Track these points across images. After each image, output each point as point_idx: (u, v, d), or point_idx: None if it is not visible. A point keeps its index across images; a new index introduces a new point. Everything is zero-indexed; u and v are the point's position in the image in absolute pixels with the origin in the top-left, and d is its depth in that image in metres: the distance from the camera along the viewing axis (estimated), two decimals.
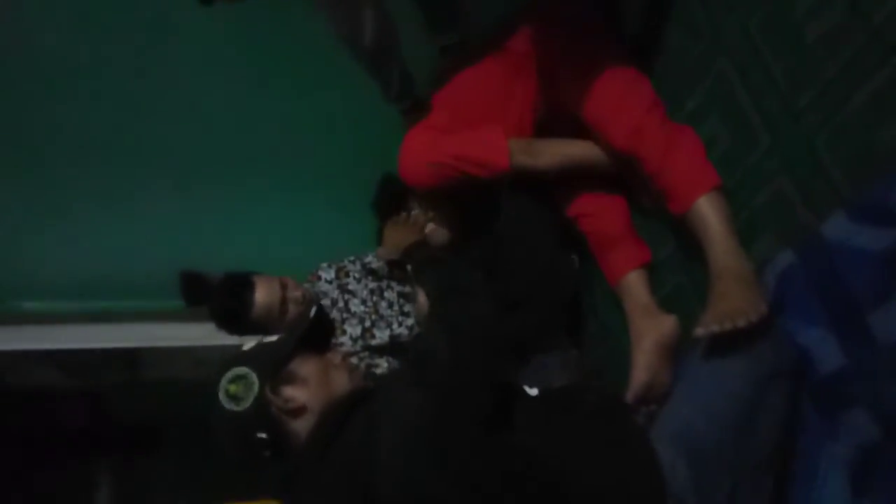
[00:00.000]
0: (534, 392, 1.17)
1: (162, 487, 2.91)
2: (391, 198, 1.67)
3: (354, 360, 1.61)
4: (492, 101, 1.52)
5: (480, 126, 1.47)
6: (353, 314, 1.69)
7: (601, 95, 1.30)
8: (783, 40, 1.09)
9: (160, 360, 2.59)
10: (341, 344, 1.63)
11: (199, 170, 2.00)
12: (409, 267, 1.37)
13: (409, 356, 1.13)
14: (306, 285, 1.74)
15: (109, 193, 2.00)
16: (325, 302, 1.71)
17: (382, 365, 1.61)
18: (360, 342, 1.64)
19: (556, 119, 1.46)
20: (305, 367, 1.10)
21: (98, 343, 2.34)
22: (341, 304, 1.71)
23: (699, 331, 1.00)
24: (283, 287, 1.61)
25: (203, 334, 1.98)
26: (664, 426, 1.04)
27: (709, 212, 1.14)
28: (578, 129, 1.40)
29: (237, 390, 1.04)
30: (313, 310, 1.17)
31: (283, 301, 1.59)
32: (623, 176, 1.44)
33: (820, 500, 1.02)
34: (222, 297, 1.61)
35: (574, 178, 1.48)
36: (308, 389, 1.07)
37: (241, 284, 1.60)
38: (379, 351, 1.65)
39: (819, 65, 1.02)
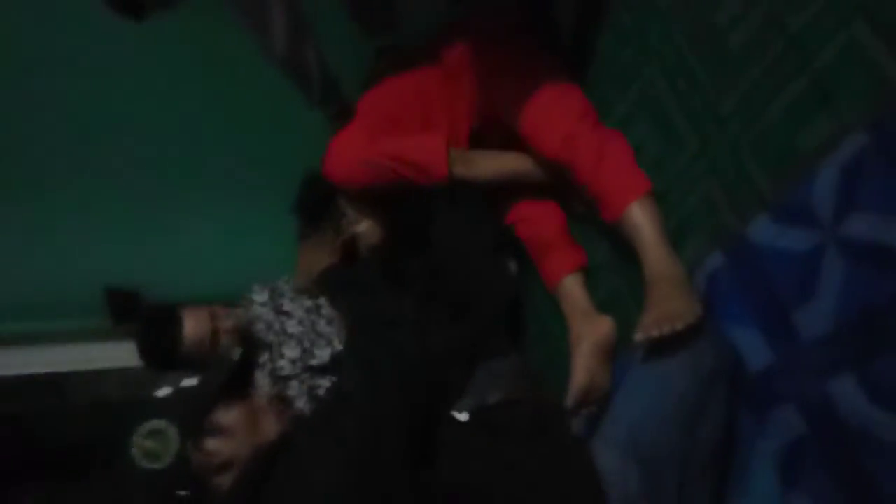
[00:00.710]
0: (463, 417, 1.15)
1: None
2: (317, 199, 1.61)
3: (295, 383, 1.55)
4: (427, 109, 1.52)
5: (418, 131, 1.46)
6: (291, 336, 1.63)
7: (533, 106, 1.31)
8: (707, 47, 1.12)
9: (88, 382, 2.47)
10: (280, 368, 1.57)
11: (124, 186, 1.93)
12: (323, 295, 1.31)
13: (327, 398, 1.09)
14: (238, 310, 1.67)
15: (30, 211, 1.89)
16: (260, 325, 1.64)
17: (325, 385, 1.56)
18: (299, 364, 1.58)
19: (491, 130, 1.46)
20: (230, 415, 1.03)
21: (23, 369, 2.21)
22: (277, 326, 1.64)
23: (638, 336, 1.02)
24: (213, 317, 1.53)
25: (132, 354, 1.89)
26: (612, 433, 1.04)
27: (640, 218, 1.16)
28: (512, 140, 1.40)
29: (154, 447, 0.98)
30: (237, 352, 1.11)
31: (215, 332, 1.51)
32: (557, 182, 1.45)
33: (751, 494, 1.05)
34: (148, 334, 1.51)
35: (509, 187, 1.48)
36: (234, 440, 1.01)
37: (167, 319, 1.51)
38: (321, 371, 1.60)
39: (741, 71, 1.05)
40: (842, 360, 0.91)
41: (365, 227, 1.58)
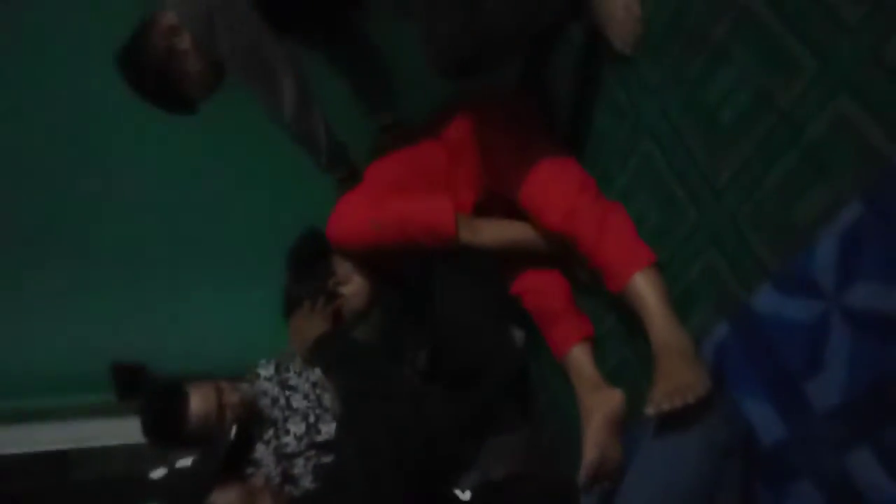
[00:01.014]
0: (466, 496, 1.13)
1: None
2: (311, 254, 1.59)
3: (301, 460, 1.52)
4: (432, 179, 1.55)
5: (425, 197, 1.48)
6: (296, 410, 1.61)
7: (533, 180, 1.34)
8: (700, 122, 1.15)
9: (92, 458, 2.44)
10: (286, 445, 1.54)
11: (129, 261, 1.95)
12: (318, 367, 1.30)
13: (322, 481, 1.07)
14: (244, 385, 1.66)
15: (32, 288, 1.91)
16: (266, 400, 1.63)
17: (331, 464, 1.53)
18: (305, 440, 1.56)
19: (494, 203, 1.48)
20: (226, 497, 1.02)
21: (26, 447, 2.19)
22: (283, 401, 1.63)
23: (650, 410, 1.00)
24: (219, 392, 1.52)
25: (137, 429, 1.87)
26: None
27: (645, 288, 1.17)
28: (515, 214, 1.43)
29: None
30: (233, 431, 1.10)
31: (221, 407, 1.50)
32: (561, 252, 1.46)
33: None
34: (154, 410, 1.51)
35: (514, 256, 1.49)
36: None
37: (172, 395, 1.50)
38: (327, 447, 1.57)
39: (734, 146, 1.07)
40: (856, 432, 0.89)
41: (351, 290, 1.56)
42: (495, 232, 1.48)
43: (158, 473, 1.01)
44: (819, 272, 0.93)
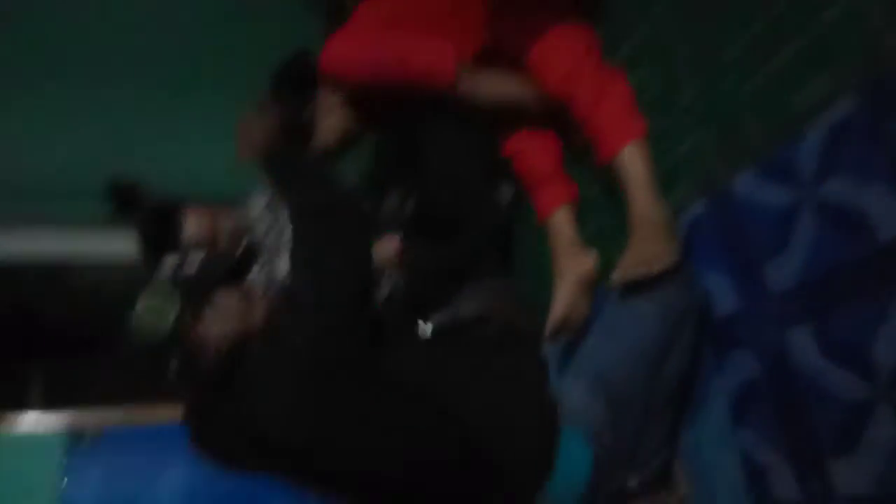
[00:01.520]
0: (427, 329, 1.20)
1: (96, 384, 2.92)
2: (299, 75, 1.51)
3: None
4: (433, 23, 1.48)
5: (426, 36, 1.43)
6: (289, 240, 1.67)
7: (541, 37, 1.29)
8: None
9: (89, 272, 2.54)
10: (278, 270, 1.61)
11: (129, 78, 1.92)
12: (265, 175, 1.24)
13: (279, 304, 1.12)
14: (239, 212, 1.70)
15: (41, 98, 1.89)
16: (260, 228, 1.68)
17: None
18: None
19: (495, 57, 1.44)
20: (229, 297, 1.09)
21: (21, 257, 2.26)
22: (276, 230, 1.68)
23: (615, 276, 1.06)
24: (215, 218, 1.56)
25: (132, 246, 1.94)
26: (582, 367, 1.10)
27: (632, 160, 1.19)
28: (515, 70, 1.40)
29: (156, 310, 1.03)
30: (244, 242, 1.14)
31: (214, 231, 1.55)
32: (558, 115, 1.46)
33: (705, 425, 1.13)
34: (151, 228, 1.54)
35: (509, 115, 1.48)
36: (225, 322, 1.07)
37: (171, 215, 1.54)
38: None
39: (748, 21, 1.04)
40: (802, 312, 0.96)
41: (329, 124, 1.53)
42: (494, 84, 1.45)
43: (171, 262, 1.07)
44: (801, 162, 0.96)
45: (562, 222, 1.45)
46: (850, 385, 0.88)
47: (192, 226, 1.53)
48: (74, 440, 1.88)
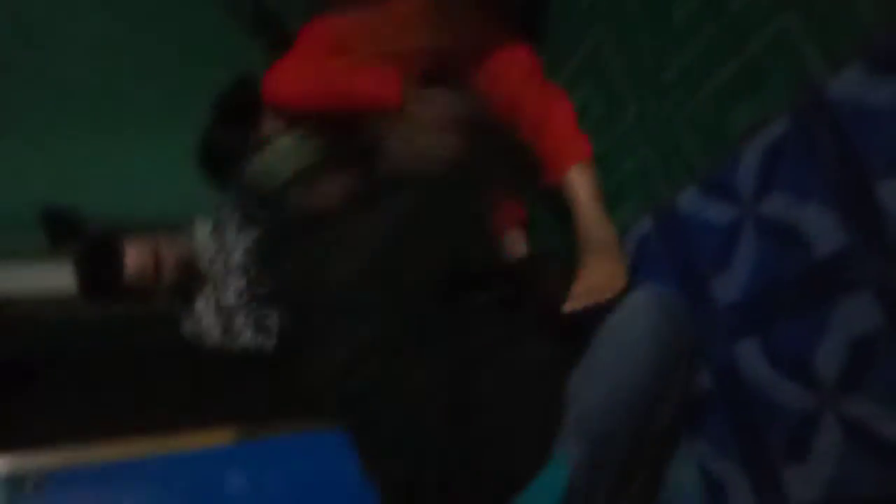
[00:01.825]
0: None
1: (38, 422, 2.79)
2: (241, 101, 1.46)
3: (241, 314, 1.57)
4: (376, 50, 1.48)
5: (369, 64, 1.43)
6: (237, 267, 1.63)
7: (483, 60, 1.31)
8: (653, 15, 1.14)
9: (25, 302, 2.43)
10: (226, 299, 1.57)
11: (59, 107, 1.85)
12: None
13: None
14: (182, 240, 1.65)
15: None
16: (204, 258, 1.64)
17: (273, 316, 1.58)
18: (245, 295, 1.60)
19: (438, 79, 1.45)
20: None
21: None
22: (221, 259, 1.64)
23: (568, 306, 1.06)
24: (156, 248, 1.51)
25: (71, 278, 1.86)
26: (570, 406, 1.02)
27: (578, 182, 1.21)
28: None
29: (271, 166, 1.04)
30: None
31: (157, 264, 1.49)
32: None
33: None
34: (87, 265, 1.48)
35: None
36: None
37: (108, 250, 1.47)
38: (267, 300, 1.61)
39: (683, 45, 1.08)
40: (748, 325, 1.00)
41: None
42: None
43: None
44: (740, 181, 0.99)
45: (513, 244, 1.46)
46: (797, 395, 0.92)
47: (133, 257, 1.47)
48: (15, 486, 1.78)
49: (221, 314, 1.58)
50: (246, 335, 1.56)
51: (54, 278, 2.13)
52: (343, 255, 0.96)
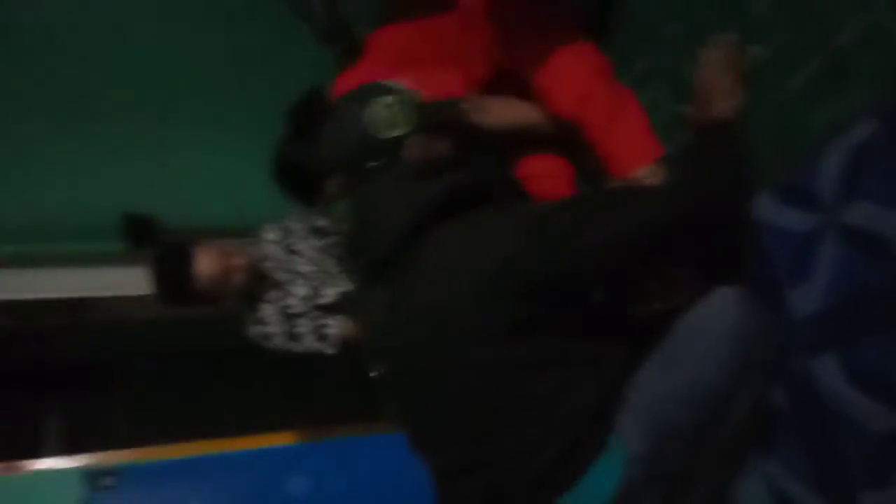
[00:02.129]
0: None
1: (114, 423, 2.93)
2: (311, 112, 1.44)
3: (304, 320, 1.60)
4: (441, 53, 1.48)
5: (432, 72, 1.44)
6: (301, 274, 1.66)
7: (549, 61, 1.29)
8: (730, 12, 1.09)
9: (106, 303, 2.56)
10: (290, 306, 1.61)
11: (136, 112, 1.94)
12: None
13: None
14: (250, 247, 1.70)
15: (54, 134, 1.92)
16: (271, 264, 1.68)
17: (332, 325, 1.61)
18: (308, 302, 1.63)
19: (504, 82, 1.44)
20: (442, 145, 1.07)
21: (41, 293, 2.27)
22: (287, 265, 1.68)
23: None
24: (225, 255, 1.56)
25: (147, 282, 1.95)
26: (635, 397, 0.98)
27: (648, 180, 1.16)
28: (525, 94, 1.38)
29: (389, 116, 1.01)
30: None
31: (226, 270, 1.55)
32: (569, 138, 1.44)
33: None
34: (161, 273, 1.55)
35: (521, 140, 1.47)
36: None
37: (178, 258, 1.53)
38: (329, 310, 1.64)
39: (763, 39, 1.02)
40: (827, 340, 0.94)
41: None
42: (503, 111, 1.44)
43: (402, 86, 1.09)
44: (820, 186, 0.93)
45: None
46: (879, 415, 0.85)
47: (204, 263, 1.53)
48: (93, 479, 1.87)
49: (285, 320, 1.62)
50: (307, 341, 1.59)
51: (133, 282, 2.23)
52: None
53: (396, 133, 1.02)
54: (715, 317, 0.97)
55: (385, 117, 1.03)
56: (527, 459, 0.92)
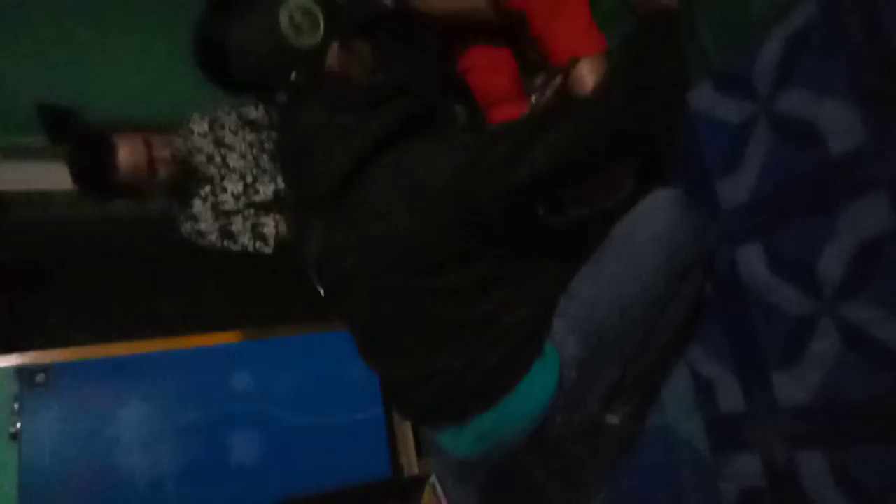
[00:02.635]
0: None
1: (49, 322, 2.86)
2: None
3: (239, 218, 1.55)
4: None
5: None
6: (233, 170, 1.59)
7: None
8: None
9: (36, 201, 2.43)
10: (223, 202, 1.55)
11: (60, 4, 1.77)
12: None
13: None
14: (176, 139, 1.61)
15: None
16: (200, 158, 1.59)
17: (269, 224, 1.56)
18: (242, 199, 1.57)
19: None
20: (365, 47, 1.03)
21: None
22: (218, 159, 1.59)
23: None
24: (149, 145, 1.47)
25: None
26: (568, 306, 1.00)
27: (587, 74, 1.14)
28: None
29: (303, 23, 0.96)
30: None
31: (151, 160, 1.46)
32: (513, 31, 1.39)
33: None
34: (81, 160, 1.46)
35: (463, 32, 1.41)
36: (356, 66, 1.01)
37: (99, 146, 1.43)
38: (264, 207, 1.59)
39: None
40: (752, 229, 0.96)
41: None
42: None
43: None
44: (758, 74, 0.93)
45: None
46: (797, 300, 0.89)
47: (126, 152, 1.45)
48: (26, 377, 1.83)
49: (219, 217, 1.57)
50: (243, 239, 1.55)
51: (56, 176, 2.11)
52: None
53: (312, 41, 0.95)
54: (647, 222, 0.99)
55: (300, 22, 0.96)
56: (470, 370, 0.95)
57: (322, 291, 1.11)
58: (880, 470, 0.80)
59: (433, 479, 1.91)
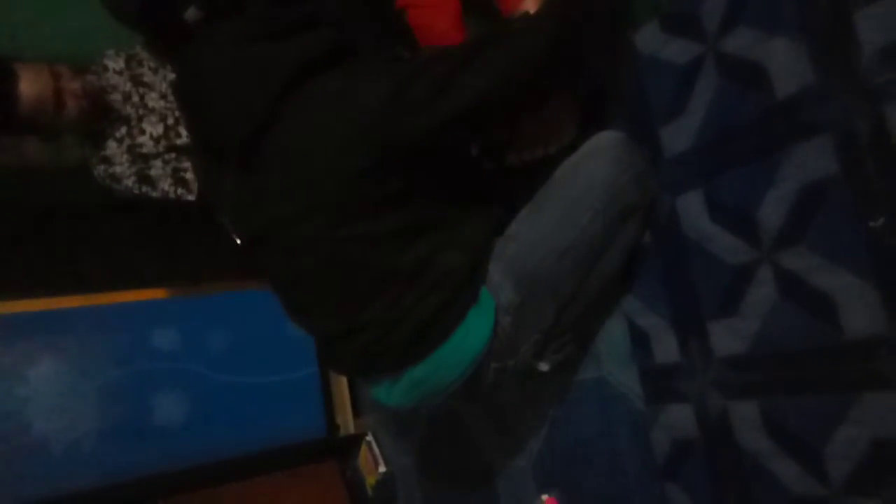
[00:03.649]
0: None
1: None
2: None
3: (158, 162, 1.44)
4: None
5: None
6: (152, 110, 1.47)
7: None
8: None
9: None
10: (140, 145, 1.43)
11: None
12: None
13: None
14: (89, 77, 1.47)
15: None
16: (116, 96, 1.46)
17: (191, 169, 1.46)
18: (163, 142, 1.45)
19: None
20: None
21: None
22: (136, 98, 1.47)
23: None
24: (56, 77, 1.34)
25: None
26: (503, 247, 0.96)
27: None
28: None
29: None
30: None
31: (58, 92, 1.33)
32: None
33: None
34: None
35: None
36: None
37: (2, 72, 1.31)
38: (185, 152, 1.48)
39: None
40: (694, 177, 0.93)
41: None
42: None
43: None
44: (706, 13, 0.88)
45: None
46: (736, 249, 0.87)
47: (29, 82, 1.31)
48: None
49: (136, 160, 1.45)
50: (163, 185, 1.44)
51: None
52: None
53: None
54: (589, 165, 0.95)
55: None
56: (403, 322, 0.90)
57: (238, 242, 1.02)
58: (812, 420, 0.79)
59: (369, 436, 1.88)
